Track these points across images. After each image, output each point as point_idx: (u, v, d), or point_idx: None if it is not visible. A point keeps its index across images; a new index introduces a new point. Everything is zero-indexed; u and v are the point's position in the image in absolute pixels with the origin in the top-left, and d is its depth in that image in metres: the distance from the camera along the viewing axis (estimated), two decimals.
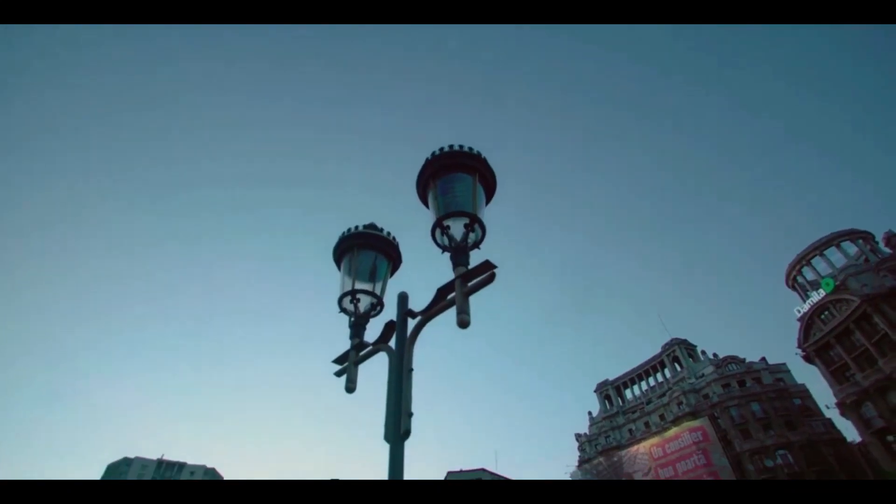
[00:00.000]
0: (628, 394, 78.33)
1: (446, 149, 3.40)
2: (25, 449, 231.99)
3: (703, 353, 72.24)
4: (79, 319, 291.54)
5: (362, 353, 3.53)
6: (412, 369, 3.02)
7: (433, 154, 3.42)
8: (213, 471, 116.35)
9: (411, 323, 3.22)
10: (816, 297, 49.26)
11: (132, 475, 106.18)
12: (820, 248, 53.15)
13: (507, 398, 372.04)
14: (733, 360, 64.18)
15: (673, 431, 58.30)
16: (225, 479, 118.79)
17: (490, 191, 3.45)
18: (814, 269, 53.54)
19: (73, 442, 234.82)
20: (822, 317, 49.23)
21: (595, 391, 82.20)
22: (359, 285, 3.68)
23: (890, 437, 41.45)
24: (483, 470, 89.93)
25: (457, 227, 3.14)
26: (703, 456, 53.44)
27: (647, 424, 68.18)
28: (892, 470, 39.44)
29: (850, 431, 49.50)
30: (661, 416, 66.19)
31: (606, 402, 79.32)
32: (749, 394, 56.07)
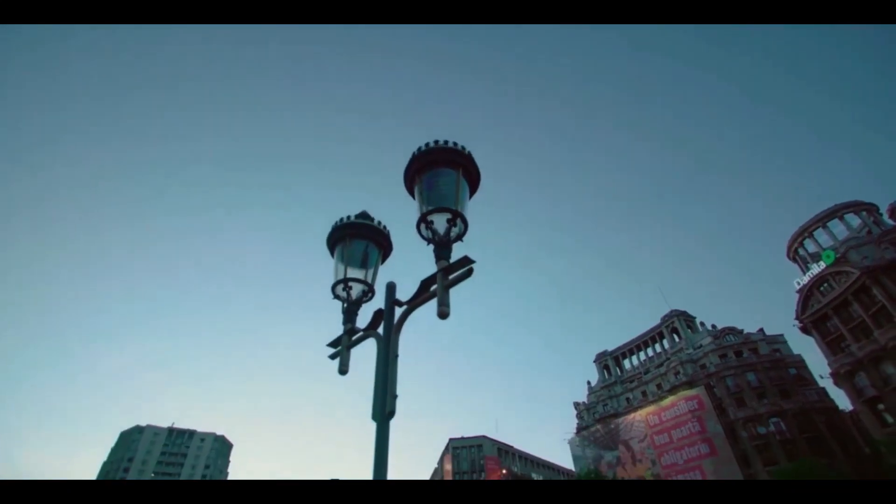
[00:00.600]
0: (627, 364, 79.66)
1: (432, 144, 3.52)
2: (39, 419, 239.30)
3: (702, 324, 72.98)
4: (85, 294, 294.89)
5: (354, 338, 3.77)
6: (397, 355, 3.27)
7: (419, 149, 3.54)
8: (222, 438, 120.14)
9: (398, 311, 3.45)
10: (817, 269, 49.36)
11: (144, 442, 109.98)
12: (823, 219, 52.89)
13: (507, 369, 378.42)
14: (731, 331, 64.83)
15: (669, 400, 59.51)
16: (232, 444, 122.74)
17: (474, 185, 3.59)
18: (815, 241, 53.43)
19: (85, 411, 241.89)
20: (822, 289, 49.48)
21: (594, 361, 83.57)
22: (351, 273, 3.87)
23: (881, 406, 42.37)
24: (484, 437, 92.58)
25: (440, 222, 3.32)
26: (698, 423, 54.77)
27: (644, 394, 69.62)
28: (882, 438, 40.42)
29: (842, 400, 50.63)
30: (659, 386, 67.49)
31: (605, 371, 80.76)
32: (745, 364, 56.98)
